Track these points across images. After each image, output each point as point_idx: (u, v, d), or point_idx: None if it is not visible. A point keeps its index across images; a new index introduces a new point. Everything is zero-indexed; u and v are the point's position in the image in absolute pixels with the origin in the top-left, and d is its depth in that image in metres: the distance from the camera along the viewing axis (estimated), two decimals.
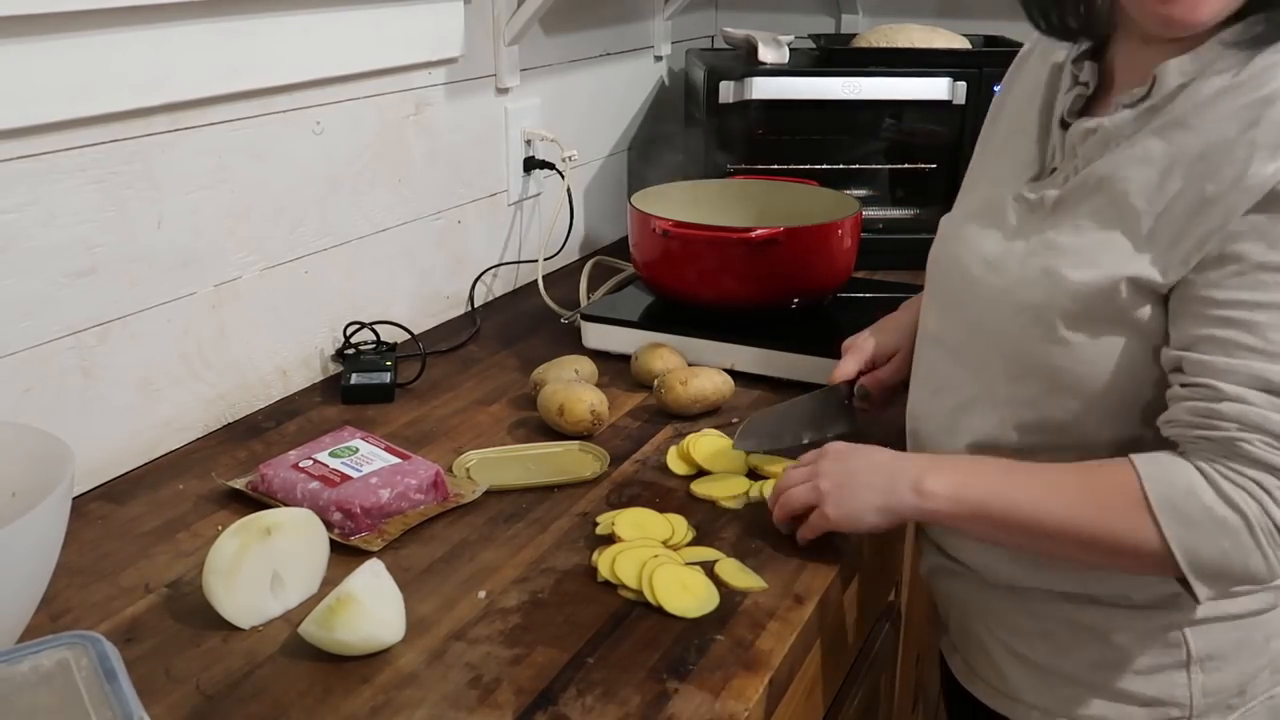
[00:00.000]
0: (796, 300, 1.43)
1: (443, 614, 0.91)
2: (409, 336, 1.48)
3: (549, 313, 1.60)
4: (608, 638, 0.88)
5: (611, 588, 0.94)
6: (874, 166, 1.93)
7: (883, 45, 1.87)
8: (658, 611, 0.91)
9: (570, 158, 1.72)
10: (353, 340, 1.40)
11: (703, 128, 1.82)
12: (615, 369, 1.39)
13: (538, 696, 0.81)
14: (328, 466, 1.07)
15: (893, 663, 1.37)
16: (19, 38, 0.97)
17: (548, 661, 0.85)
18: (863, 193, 1.93)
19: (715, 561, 0.98)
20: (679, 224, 1.39)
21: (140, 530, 1.04)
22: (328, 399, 1.34)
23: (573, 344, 1.46)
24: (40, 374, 1.05)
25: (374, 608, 0.85)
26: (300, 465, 1.07)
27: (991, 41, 1.95)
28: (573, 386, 1.23)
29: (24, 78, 0.98)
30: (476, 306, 1.67)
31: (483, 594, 0.94)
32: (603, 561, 0.96)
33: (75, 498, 0.96)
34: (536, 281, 1.65)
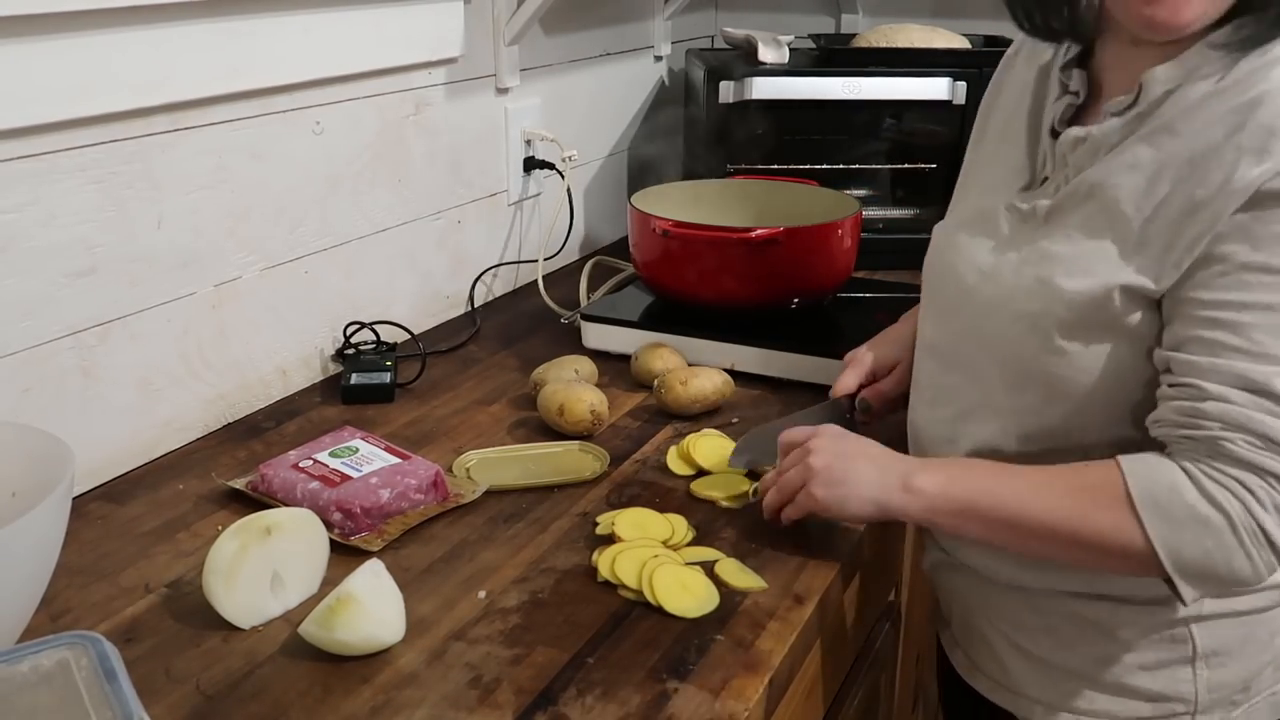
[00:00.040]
0: (796, 300, 1.43)
1: (443, 614, 0.91)
2: (409, 336, 1.48)
3: (549, 313, 1.60)
4: (608, 638, 0.88)
5: (611, 588, 0.94)
6: (874, 166, 1.93)
7: (883, 45, 1.87)
8: (658, 611, 0.91)
9: (570, 158, 1.72)
10: (353, 340, 1.40)
11: (703, 128, 1.82)
12: (615, 369, 1.39)
13: (538, 696, 0.81)
14: (328, 466, 1.07)
15: (893, 663, 1.37)
16: (19, 38, 0.97)
17: (548, 661, 0.85)
18: (863, 193, 1.93)
19: (715, 561, 0.98)
20: (679, 224, 1.39)
21: (140, 530, 1.04)
22: (328, 399, 1.34)
23: (573, 344, 1.46)
24: (40, 374, 1.05)
25: (374, 608, 0.85)
26: (300, 465, 1.07)
27: (991, 41, 1.95)
28: (573, 386, 1.23)
29: (24, 78, 0.98)
30: (476, 306, 1.67)
31: (483, 594, 0.94)
32: (603, 561, 0.96)
33: (75, 498, 0.96)
34: (536, 281, 1.65)
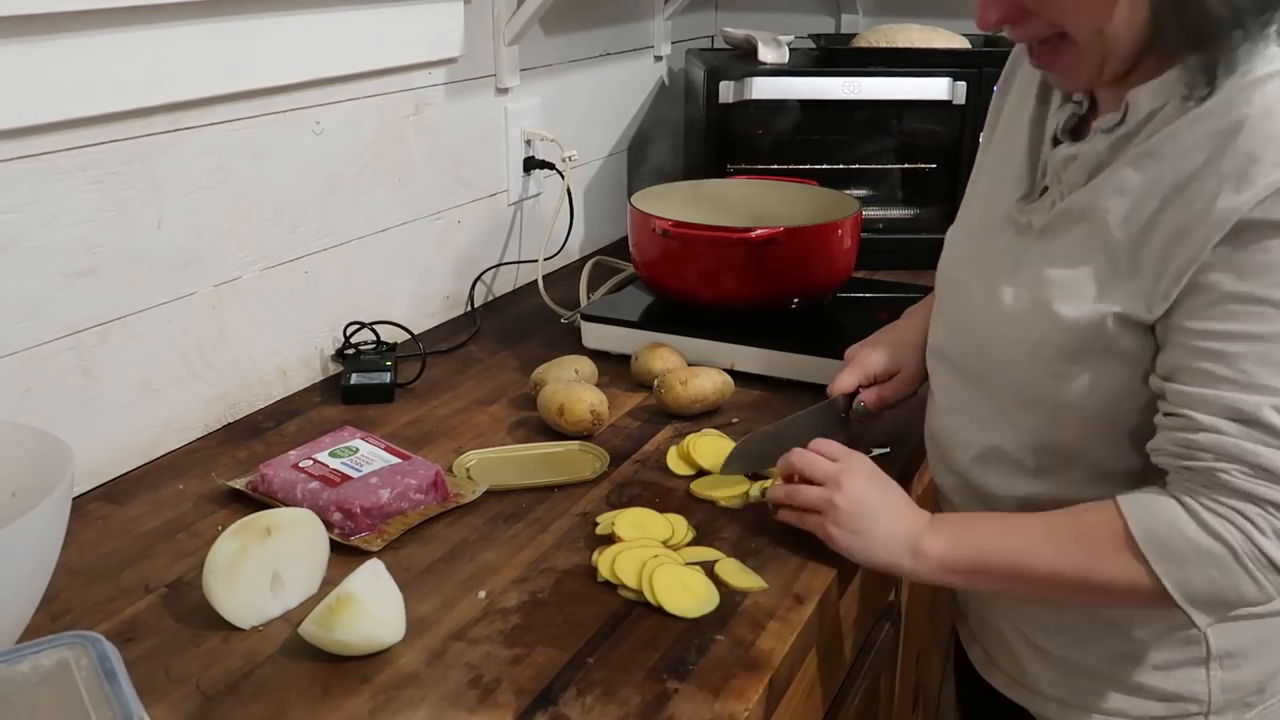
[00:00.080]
0: (796, 300, 1.43)
1: (443, 614, 0.91)
2: (409, 336, 1.48)
3: (549, 313, 1.60)
4: (608, 638, 0.88)
5: (611, 588, 0.94)
6: (874, 166, 1.93)
7: (883, 45, 1.87)
8: (658, 611, 0.91)
9: (570, 158, 1.72)
10: (353, 340, 1.40)
11: (703, 128, 1.82)
12: (615, 369, 1.39)
13: (538, 696, 0.81)
14: (328, 466, 1.07)
15: (893, 663, 1.37)
16: (19, 38, 0.97)
17: (548, 661, 0.85)
18: (863, 193, 1.93)
19: (715, 561, 0.98)
20: (679, 224, 1.39)
21: (140, 530, 1.04)
22: (328, 399, 1.34)
23: (573, 344, 1.46)
24: (40, 374, 1.05)
25: (374, 608, 0.84)
26: (300, 465, 1.07)
27: (991, 41, 1.95)
28: (573, 386, 1.23)
29: (24, 78, 0.98)
30: (476, 306, 1.67)
31: (483, 594, 0.94)
32: (603, 561, 0.96)
33: (75, 498, 0.96)
34: (536, 281, 1.65)
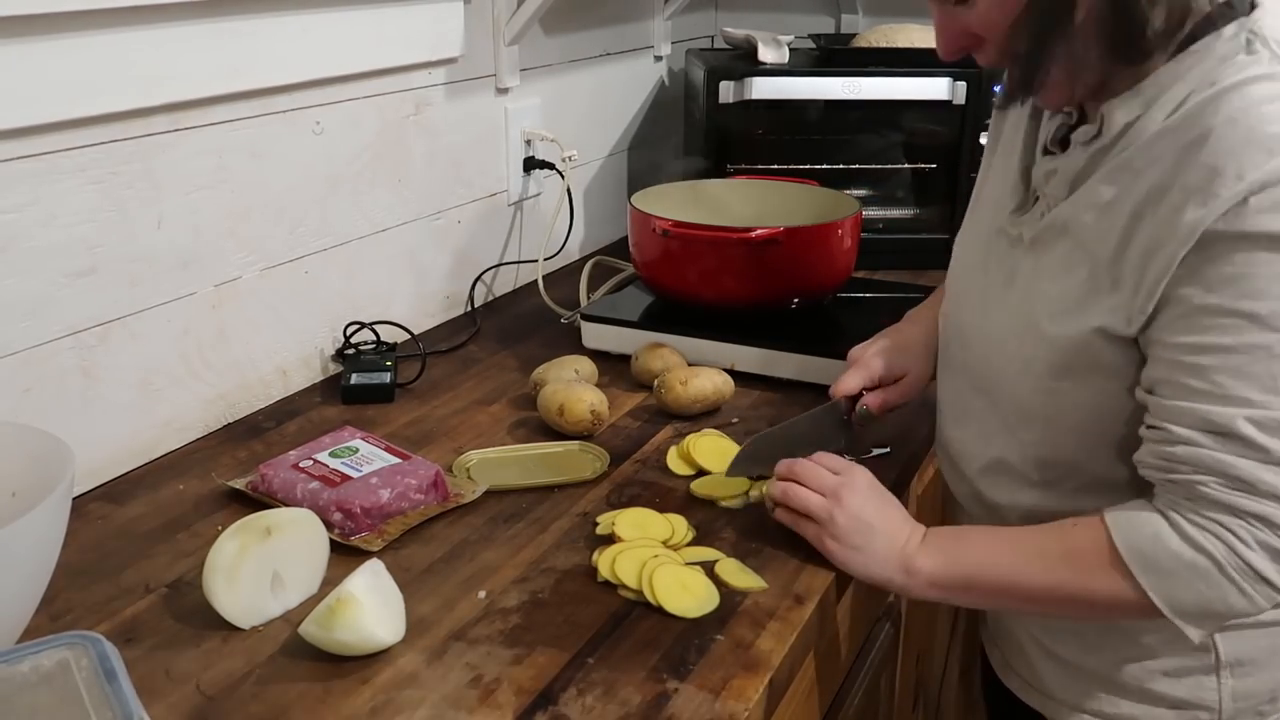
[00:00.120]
0: (796, 300, 1.43)
1: (443, 614, 0.91)
2: (409, 336, 1.48)
3: (549, 313, 1.60)
4: (608, 638, 0.88)
5: (611, 588, 0.94)
6: (874, 166, 1.93)
7: (883, 45, 1.87)
8: (658, 611, 0.91)
9: (570, 158, 1.72)
10: (353, 340, 1.40)
11: (703, 128, 1.82)
12: (615, 369, 1.39)
13: (538, 696, 0.81)
14: (328, 466, 1.07)
15: (893, 663, 1.37)
16: (19, 38, 0.97)
17: (548, 661, 0.85)
18: (863, 193, 1.93)
19: (715, 561, 0.98)
20: (679, 224, 1.39)
21: (140, 530, 1.04)
22: (328, 399, 1.34)
23: (573, 344, 1.46)
24: (40, 374, 1.05)
25: (374, 608, 0.84)
26: (300, 465, 1.07)
27: None
28: (573, 386, 1.23)
29: (24, 78, 0.98)
30: (476, 306, 1.67)
31: (483, 594, 0.94)
32: (603, 561, 0.96)
33: (75, 498, 0.96)
34: (536, 281, 1.65)
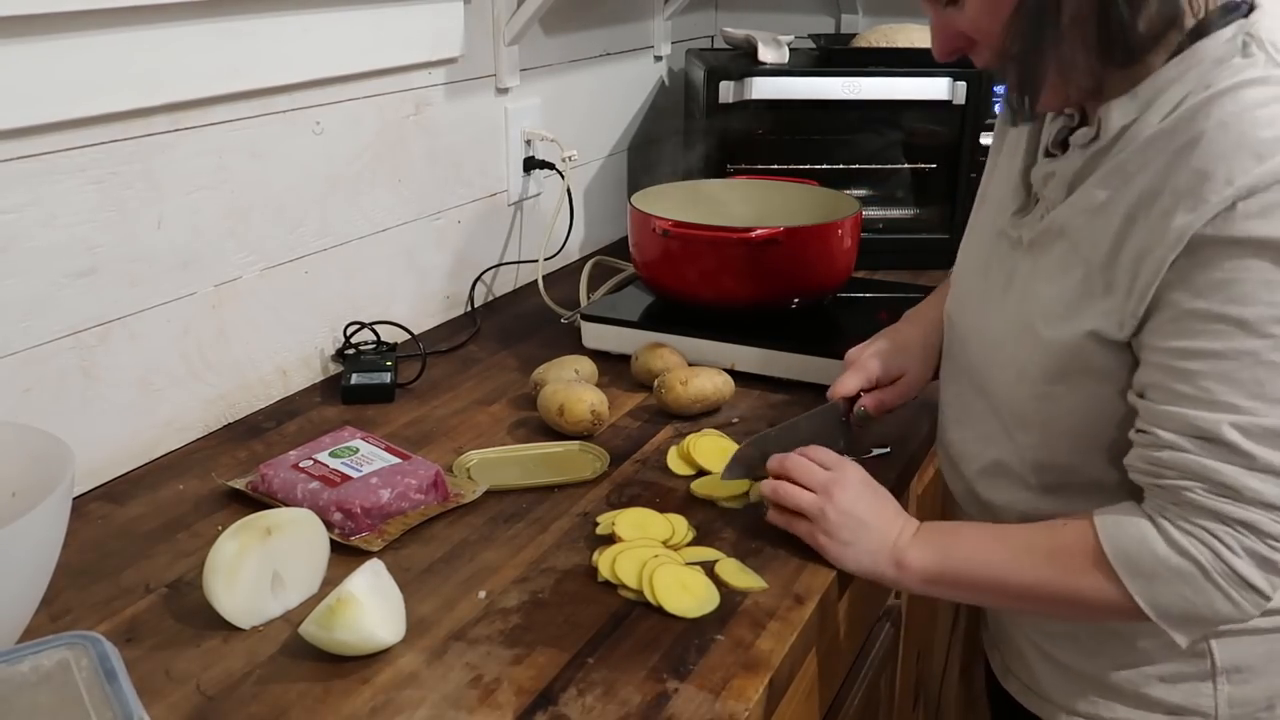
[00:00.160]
0: (796, 300, 1.43)
1: (443, 614, 0.91)
2: (409, 336, 1.48)
3: (549, 313, 1.60)
4: (608, 638, 0.88)
5: (611, 588, 0.94)
6: (874, 166, 1.93)
7: (883, 45, 1.87)
8: (658, 611, 0.91)
9: (570, 158, 1.72)
10: (353, 340, 1.40)
11: (703, 128, 1.82)
12: (615, 369, 1.39)
13: (538, 696, 0.81)
14: (328, 466, 1.07)
15: (893, 663, 1.37)
16: (19, 38, 0.97)
17: (548, 661, 0.85)
18: (863, 193, 1.93)
19: (715, 561, 0.98)
20: (679, 224, 1.39)
21: (140, 530, 1.04)
22: (328, 399, 1.34)
23: (573, 344, 1.46)
24: (40, 374, 1.05)
25: (374, 608, 0.84)
26: (300, 465, 1.07)
27: None
28: (573, 386, 1.23)
29: (24, 78, 0.98)
30: (476, 306, 1.67)
31: (483, 594, 0.94)
32: (603, 561, 0.96)
33: (75, 498, 0.96)
34: (536, 281, 1.65)
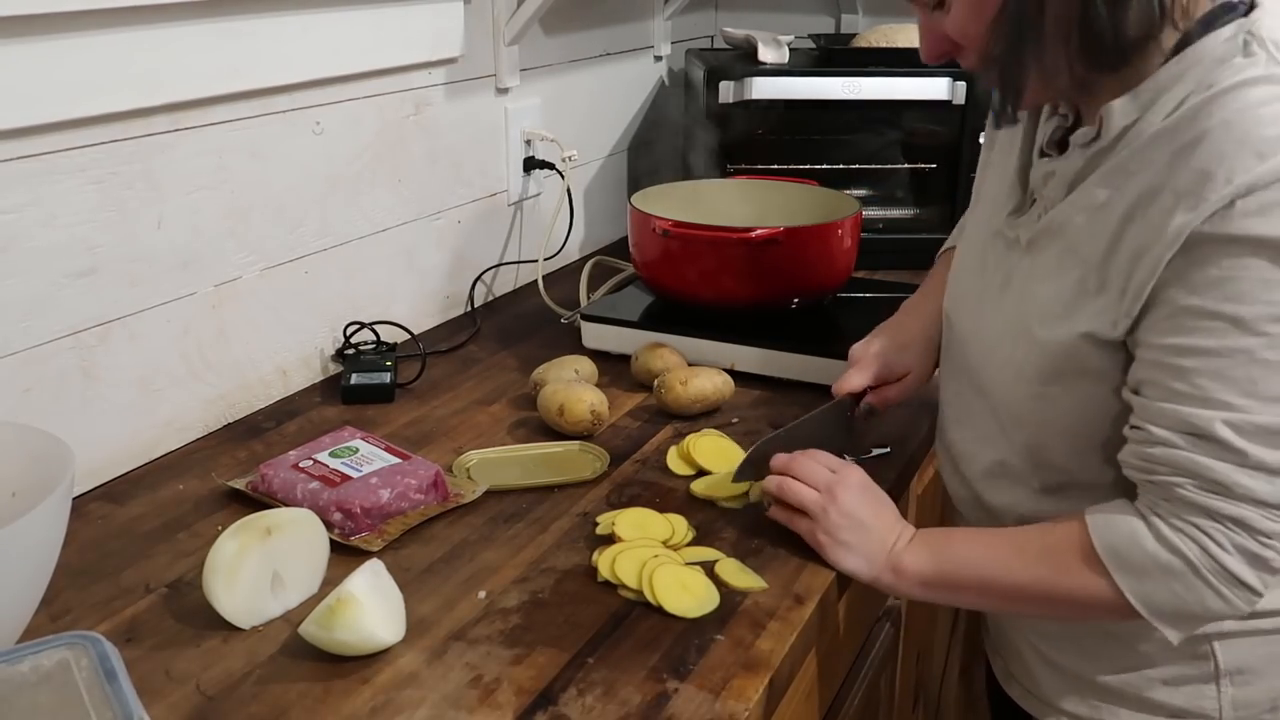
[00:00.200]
0: (796, 300, 1.43)
1: (443, 614, 0.91)
2: (409, 336, 1.48)
3: (549, 313, 1.60)
4: (608, 638, 0.88)
5: (611, 588, 0.94)
6: (874, 166, 1.93)
7: (883, 45, 1.87)
8: (658, 611, 0.91)
9: (570, 158, 1.72)
10: (353, 340, 1.40)
11: (703, 128, 1.82)
12: (615, 369, 1.39)
13: (538, 696, 0.81)
14: (328, 466, 1.07)
15: (893, 663, 1.37)
16: (19, 38, 0.97)
17: (548, 661, 0.85)
18: (863, 193, 1.93)
19: (715, 561, 0.98)
20: (679, 224, 1.39)
21: (140, 530, 1.04)
22: (328, 399, 1.34)
23: (573, 344, 1.46)
24: (40, 374, 1.05)
25: (374, 608, 0.84)
26: (300, 465, 1.07)
27: None
28: (573, 386, 1.23)
29: (24, 78, 0.98)
30: (476, 306, 1.67)
31: (483, 594, 0.94)
32: (603, 561, 0.96)
33: (75, 498, 0.96)
34: (536, 281, 1.65)
